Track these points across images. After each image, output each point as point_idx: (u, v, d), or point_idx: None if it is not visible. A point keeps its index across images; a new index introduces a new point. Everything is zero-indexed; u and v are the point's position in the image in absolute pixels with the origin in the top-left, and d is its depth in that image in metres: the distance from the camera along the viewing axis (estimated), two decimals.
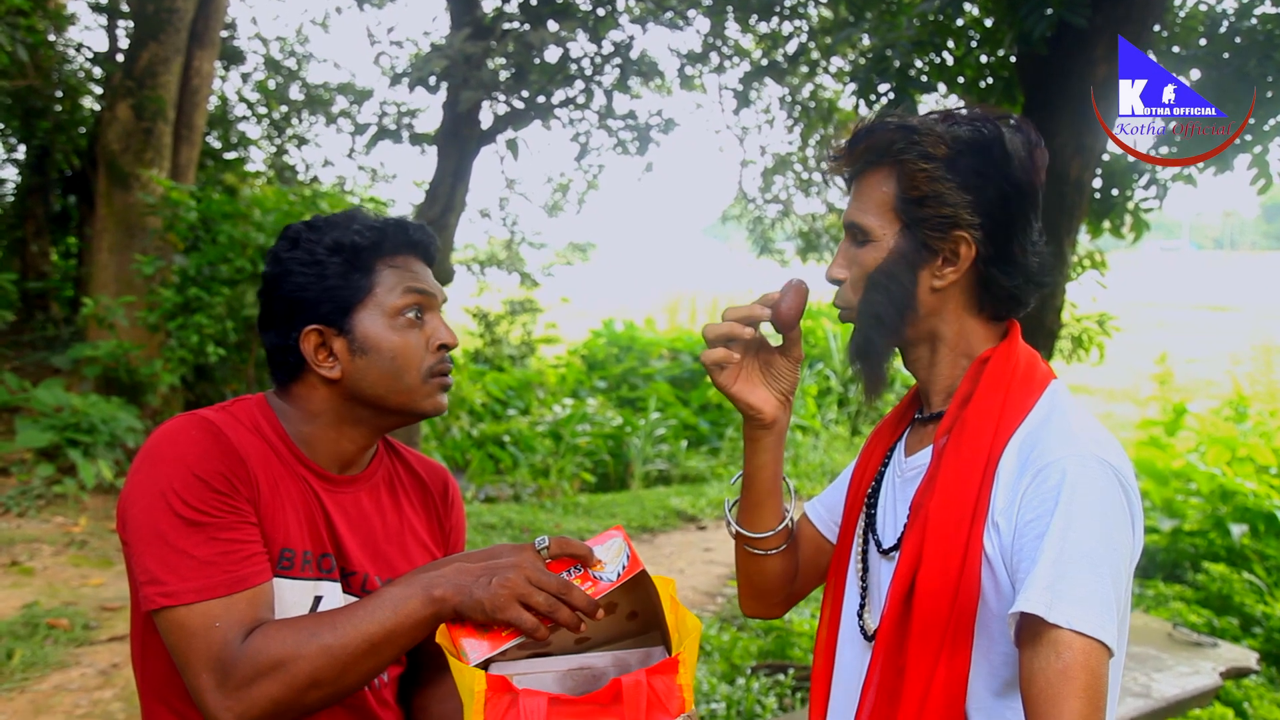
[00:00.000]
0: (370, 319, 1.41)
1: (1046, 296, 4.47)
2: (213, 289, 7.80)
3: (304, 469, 1.43)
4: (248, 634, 1.24)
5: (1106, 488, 1.16)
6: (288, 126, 12.50)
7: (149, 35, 8.86)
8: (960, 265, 1.28)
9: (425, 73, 7.49)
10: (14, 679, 4.16)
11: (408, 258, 1.46)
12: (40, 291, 10.38)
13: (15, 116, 10.24)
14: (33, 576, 5.53)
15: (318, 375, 1.42)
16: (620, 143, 9.14)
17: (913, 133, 1.27)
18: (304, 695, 1.23)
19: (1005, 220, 1.27)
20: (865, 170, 1.33)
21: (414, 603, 1.26)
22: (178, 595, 1.23)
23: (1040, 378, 1.31)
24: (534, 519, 7.77)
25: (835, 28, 6.74)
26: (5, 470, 7.01)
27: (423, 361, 1.43)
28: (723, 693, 4.29)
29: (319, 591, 1.39)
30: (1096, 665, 1.08)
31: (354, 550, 1.44)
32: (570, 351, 15.20)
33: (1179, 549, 6.79)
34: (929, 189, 1.26)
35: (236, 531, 1.28)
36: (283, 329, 1.43)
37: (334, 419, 1.45)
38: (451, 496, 1.65)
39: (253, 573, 1.28)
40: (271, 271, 1.44)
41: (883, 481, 1.42)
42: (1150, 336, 20.75)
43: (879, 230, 1.30)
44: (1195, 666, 3.37)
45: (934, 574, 1.21)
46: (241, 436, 1.36)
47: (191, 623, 1.23)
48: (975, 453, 1.24)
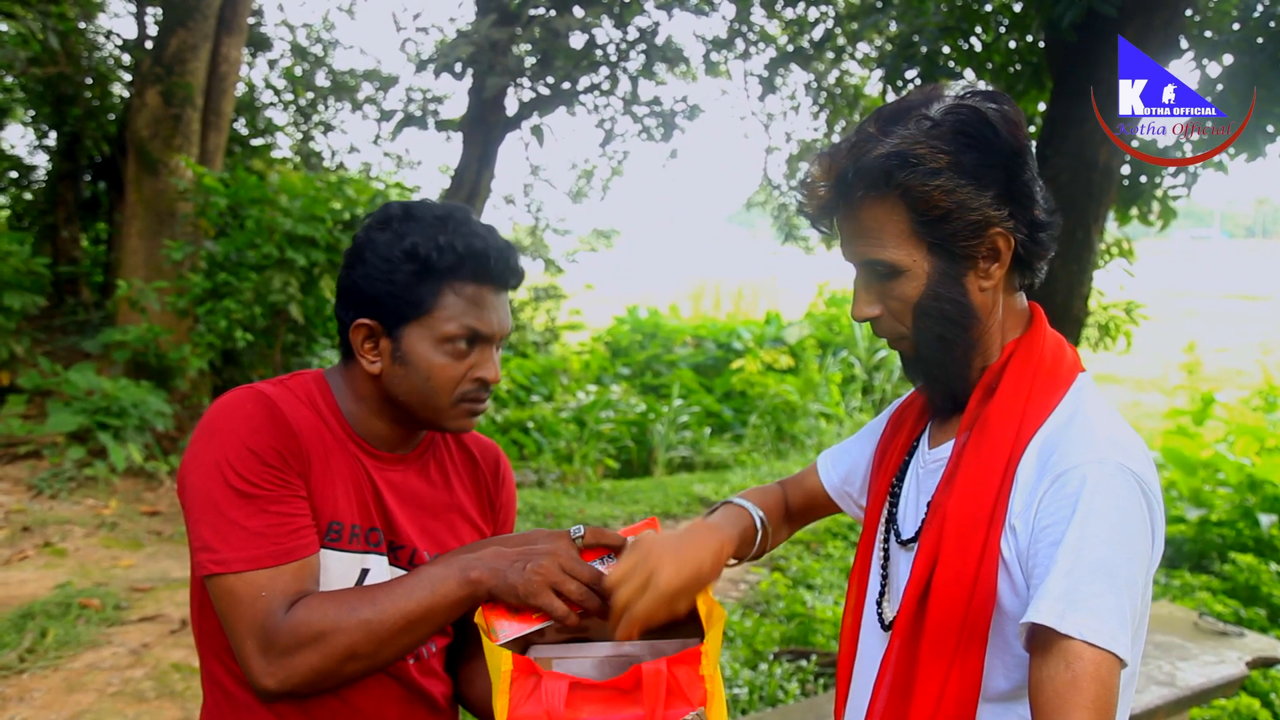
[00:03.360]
0: (419, 336, 1.40)
1: (1074, 284, 4.44)
2: (241, 274, 7.87)
3: (355, 445, 1.46)
4: (291, 605, 1.28)
5: (1126, 495, 1.14)
6: (314, 113, 12.57)
7: (177, 22, 8.92)
8: (1003, 258, 1.25)
9: (451, 59, 7.52)
10: (47, 657, 4.23)
11: (481, 288, 1.42)
12: (71, 277, 10.50)
13: (46, 103, 10.35)
14: (65, 558, 5.62)
15: None
16: (645, 129, 9.14)
17: (905, 155, 1.20)
18: (342, 666, 1.27)
19: (1021, 193, 1.23)
20: (861, 205, 1.25)
21: (450, 583, 1.29)
22: (228, 564, 1.27)
23: (1066, 371, 1.28)
24: (558, 504, 7.81)
25: (861, 13, 6.70)
26: (37, 453, 7.11)
27: (457, 388, 1.43)
28: (745, 678, 4.31)
29: (366, 564, 1.42)
30: (1107, 676, 1.06)
31: (403, 524, 1.48)
32: (594, 338, 15.22)
33: (1206, 539, 6.74)
34: (949, 203, 1.20)
35: (285, 505, 1.32)
36: (345, 309, 1.45)
37: (376, 406, 1.48)
38: (503, 474, 1.68)
39: (299, 545, 1.32)
40: (357, 244, 1.44)
41: (907, 471, 1.42)
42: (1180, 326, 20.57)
43: (906, 260, 1.24)
44: (1221, 656, 3.35)
45: (951, 574, 1.21)
46: (296, 411, 1.40)
47: (239, 590, 1.27)
48: (996, 454, 1.22)
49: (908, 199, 1.21)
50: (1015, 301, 1.32)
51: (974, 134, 1.21)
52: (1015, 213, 1.23)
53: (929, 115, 1.22)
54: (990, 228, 1.22)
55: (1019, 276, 1.30)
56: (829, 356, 13.36)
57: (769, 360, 12.91)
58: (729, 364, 13.28)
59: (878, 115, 1.27)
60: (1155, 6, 4.13)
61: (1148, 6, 4.12)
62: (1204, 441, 8.33)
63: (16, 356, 8.18)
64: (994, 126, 1.21)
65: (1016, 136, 1.23)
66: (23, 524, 6.00)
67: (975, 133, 1.21)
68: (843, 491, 1.61)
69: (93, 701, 3.94)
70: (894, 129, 1.22)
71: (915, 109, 1.23)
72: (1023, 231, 1.24)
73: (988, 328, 1.29)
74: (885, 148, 1.21)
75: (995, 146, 1.21)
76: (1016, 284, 1.31)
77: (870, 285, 1.30)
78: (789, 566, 6.34)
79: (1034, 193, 1.25)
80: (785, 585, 5.80)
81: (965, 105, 1.23)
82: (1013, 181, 1.23)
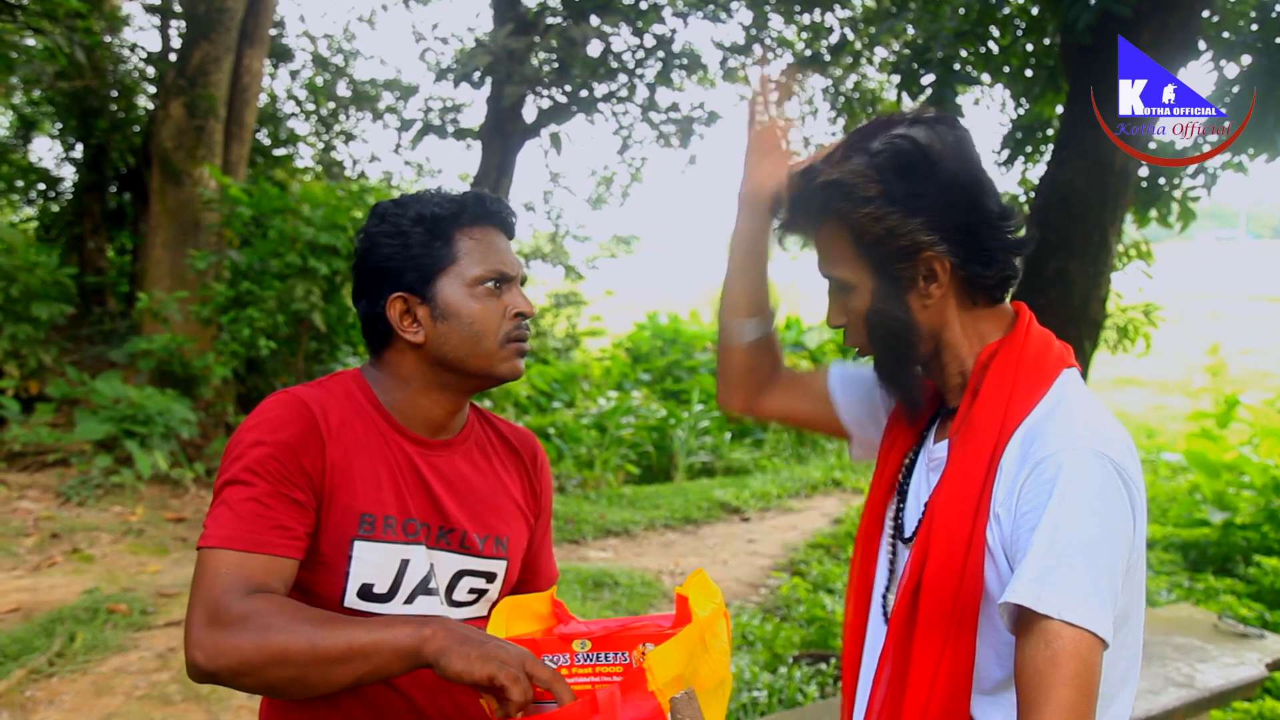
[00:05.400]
0: (451, 287, 1.48)
1: (1091, 286, 4.44)
2: (264, 283, 7.95)
3: (398, 435, 1.51)
4: (252, 593, 1.28)
5: (1103, 479, 1.17)
6: (335, 123, 12.68)
7: (201, 35, 9.04)
8: (941, 280, 1.30)
9: (469, 68, 7.58)
10: (76, 661, 4.30)
11: (486, 229, 1.52)
12: (97, 287, 10.63)
13: (73, 116, 10.50)
14: (93, 563, 5.70)
15: (404, 341, 1.50)
16: (662, 135, 9.16)
17: (839, 185, 1.29)
18: (268, 668, 1.21)
19: (960, 221, 1.28)
20: (816, 228, 1.37)
21: (403, 629, 1.21)
22: (208, 539, 1.32)
23: (1050, 366, 1.31)
24: (579, 510, 7.84)
25: (878, 18, 6.71)
26: (65, 461, 7.21)
27: (500, 328, 1.49)
28: (765, 681, 4.32)
29: (405, 555, 1.46)
30: (1086, 654, 1.09)
31: (452, 508, 1.52)
32: (615, 344, 15.25)
33: (1230, 542, 6.69)
34: (879, 229, 1.28)
35: (278, 503, 1.36)
36: (372, 298, 1.51)
37: (423, 384, 1.52)
38: (541, 462, 1.72)
39: (276, 542, 1.34)
40: (362, 245, 1.53)
41: (913, 467, 1.45)
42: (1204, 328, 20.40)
43: (853, 278, 1.34)
44: (1241, 657, 3.34)
45: (939, 566, 1.24)
46: (331, 410, 1.45)
47: (208, 563, 1.30)
48: (980, 449, 1.26)
49: (845, 223, 1.31)
50: (982, 313, 1.35)
51: (906, 164, 1.27)
52: (953, 238, 1.28)
53: (871, 146, 1.30)
54: (921, 251, 1.28)
55: (982, 294, 1.34)
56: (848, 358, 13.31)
57: (790, 364, 12.87)
58: None
59: (845, 140, 1.35)
60: (1171, 7, 4.12)
61: (1163, 7, 4.11)
62: (1228, 444, 8.27)
63: (45, 366, 8.30)
64: (930, 157, 1.27)
65: (961, 164, 1.29)
66: (52, 531, 6.09)
67: (908, 163, 1.27)
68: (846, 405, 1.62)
69: (120, 705, 4.00)
70: (849, 156, 1.31)
71: (866, 137, 1.31)
72: (959, 255, 1.28)
73: (945, 339, 1.35)
74: (828, 176, 1.31)
75: (931, 176, 1.27)
76: (981, 301, 1.34)
77: (835, 297, 1.40)
78: (809, 571, 6.35)
79: (982, 220, 1.29)
80: (805, 589, 5.81)
81: (905, 136, 1.29)
82: (951, 210, 1.28)
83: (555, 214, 13.50)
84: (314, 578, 1.42)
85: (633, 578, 6.11)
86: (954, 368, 1.36)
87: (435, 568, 1.50)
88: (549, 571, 1.76)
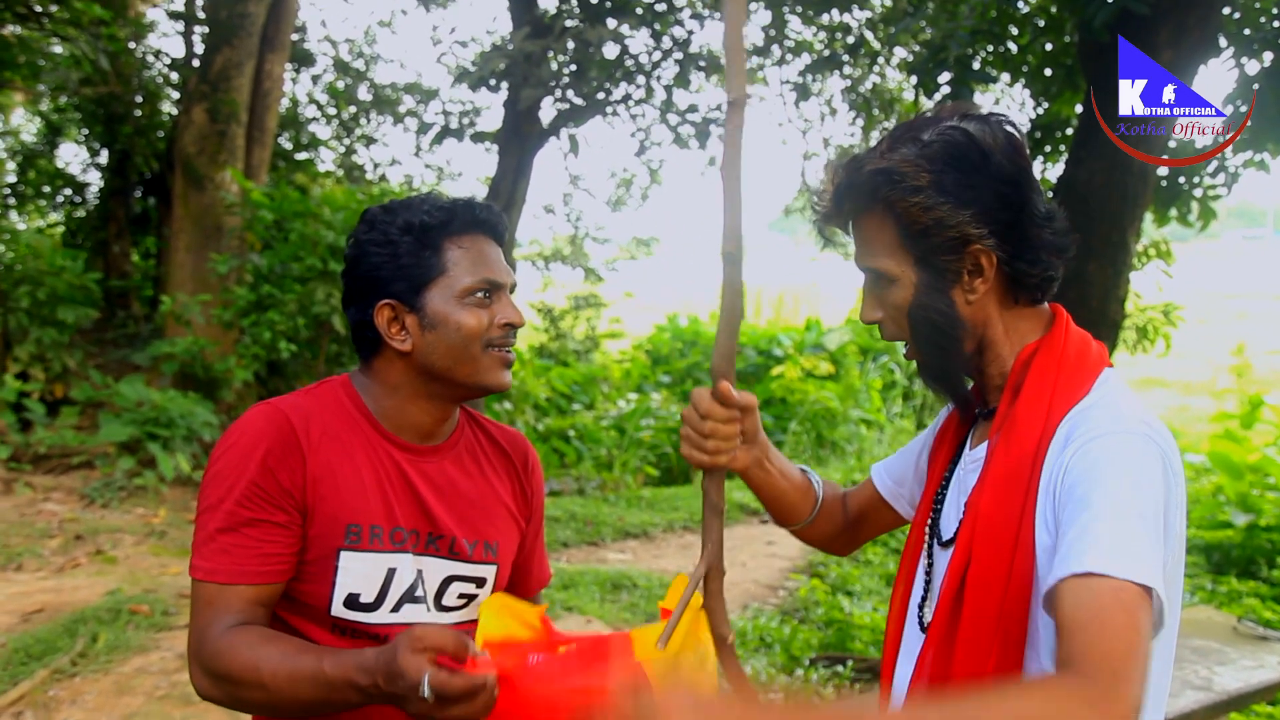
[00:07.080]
0: (440, 297, 1.47)
1: (1109, 286, 4.41)
2: (285, 286, 8.01)
3: (386, 442, 1.51)
4: (232, 626, 1.34)
5: (1145, 455, 1.15)
6: (356, 126, 12.75)
7: (223, 40, 9.12)
8: (986, 274, 1.28)
9: (486, 72, 7.61)
10: (98, 661, 4.35)
11: (476, 237, 1.51)
12: (122, 290, 10.74)
13: (98, 122, 10.62)
14: (115, 565, 5.76)
15: (393, 349, 1.50)
16: (679, 137, 9.16)
17: (888, 173, 1.27)
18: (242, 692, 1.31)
19: (1010, 216, 1.27)
20: (859, 217, 1.34)
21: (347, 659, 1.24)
22: (195, 569, 1.39)
23: (1091, 366, 1.30)
24: (597, 512, 7.85)
25: (895, 18, 6.69)
26: (89, 463, 7.29)
27: (485, 334, 1.49)
28: (781, 683, 4.32)
29: (392, 564, 1.47)
30: (1131, 603, 1.00)
31: (440, 515, 1.52)
32: (634, 346, 15.23)
33: (1254, 544, 6.62)
34: (928, 219, 1.26)
35: (260, 530, 1.39)
36: (361, 305, 1.51)
37: (411, 392, 1.52)
38: (531, 464, 1.72)
39: (260, 571, 1.38)
40: (351, 253, 1.53)
41: (952, 475, 1.43)
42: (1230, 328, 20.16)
43: (896, 270, 1.31)
44: (1260, 660, 3.31)
45: (984, 567, 1.21)
46: (315, 421, 1.46)
47: (197, 595, 1.39)
48: (1024, 446, 1.24)
49: (893, 213, 1.28)
50: (1023, 312, 1.34)
51: (959, 155, 1.26)
52: (1001, 233, 1.27)
53: (922, 137, 1.28)
54: (969, 244, 1.27)
55: (1025, 292, 1.32)
56: (870, 362, 13.28)
57: (809, 367, 12.84)
58: (769, 371, 13.23)
59: (891, 133, 1.33)
60: (1189, 5, 4.09)
61: (1181, 5, 4.08)
62: (1252, 445, 8.18)
63: (69, 369, 8.39)
64: (983, 149, 1.26)
65: (1012, 160, 1.27)
66: (75, 532, 6.16)
67: (960, 154, 1.26)
68: (895, 493, 1.63)
69: (141, 704, 4.04)
70: (897, 147, 1.29)
71: (916, 129, 1.30)
72: (1006, 250, 1.27)
73: (987, 338, 1.33)
74: (877, 165, 1.28)
75: (984, 170, 1.26)
76: (1023, 300, 1.33)
77: (871, 291, 1.37)
78: (828, 573, 6.33)
79: (1030, 217, 1.28)
80: (824, 592, 5.80)
81: (958, 128, 1.28)
82: (1002, 204, 1.26)
83: (575, 216, 13.52)
84: (301, 588, 1.44)
85: (651, 580, 6.11)
86: (994, 368, 1.35)
87: (423, 575, 1.50)
88: (540, 573, 1.76)
